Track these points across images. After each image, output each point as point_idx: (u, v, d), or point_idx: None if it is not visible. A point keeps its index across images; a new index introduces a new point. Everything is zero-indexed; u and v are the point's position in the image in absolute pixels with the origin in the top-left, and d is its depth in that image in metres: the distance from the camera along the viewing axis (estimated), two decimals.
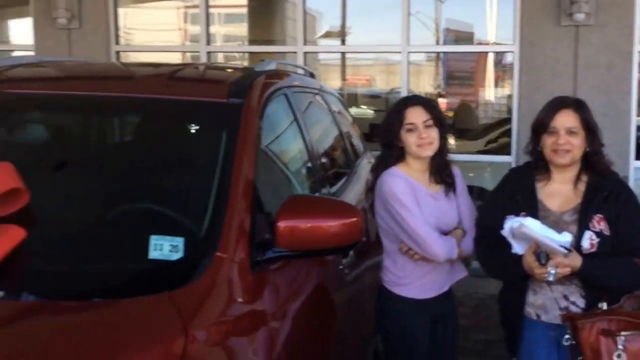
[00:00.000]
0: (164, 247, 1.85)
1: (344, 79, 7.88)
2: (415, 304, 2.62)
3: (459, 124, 6.98)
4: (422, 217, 2.52)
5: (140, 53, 6.87)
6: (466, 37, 7.15)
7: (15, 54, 6.61)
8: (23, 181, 1.85)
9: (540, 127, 2.44)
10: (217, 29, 7.80)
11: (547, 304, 2.41)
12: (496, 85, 7.20)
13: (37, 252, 1.82)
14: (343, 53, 7.65)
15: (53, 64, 2.91)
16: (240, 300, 1.83)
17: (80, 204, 2.09)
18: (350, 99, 7.62)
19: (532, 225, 2.24)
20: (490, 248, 2.48)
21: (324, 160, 3.11)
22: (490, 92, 7.33)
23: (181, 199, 2.11)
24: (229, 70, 3.64)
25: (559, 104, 2.45)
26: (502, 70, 6.91)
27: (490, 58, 7.14)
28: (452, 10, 6.83)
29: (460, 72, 7.72)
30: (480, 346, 4.27)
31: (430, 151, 2.58)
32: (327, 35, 7.65)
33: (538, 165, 2.50)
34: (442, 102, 6.93)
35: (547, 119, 2.42)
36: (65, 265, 1.86)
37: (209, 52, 6.24)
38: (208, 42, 6.26)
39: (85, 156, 2.39)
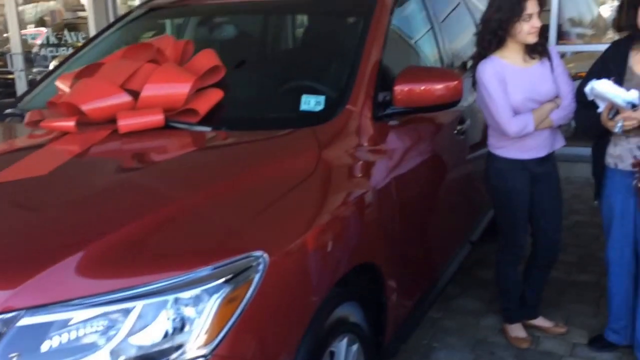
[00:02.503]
0: (311, 102, 2.63)
1: None
2: (513, 162, 3.12)
3: None
4: (502, 98, 2.96)
5: None
6: None
7: None
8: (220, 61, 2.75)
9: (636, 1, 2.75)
10: None
11: (623, 154, 2.86)
12: None
13: (229, 105, 2.70)
14: None
15: None
16: (362, 139, 2.55)
17: (257, 78, 3.02)
18: None
19: (602, 85, 2.67)
20: (584, 108, 2.92)
21: (449, 44, 3.65)
22: None
23: (324, 71, 2.91)
24: None
25: None
26: None
27: None
28: None
29: None
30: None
31: (537, 38, 2.98)
32: None
33: (635, 37, 2.83)
34: None
35: None
36: (246, 113, 2.76)
37: None
38: None
39: (261, 47, 3.36)
